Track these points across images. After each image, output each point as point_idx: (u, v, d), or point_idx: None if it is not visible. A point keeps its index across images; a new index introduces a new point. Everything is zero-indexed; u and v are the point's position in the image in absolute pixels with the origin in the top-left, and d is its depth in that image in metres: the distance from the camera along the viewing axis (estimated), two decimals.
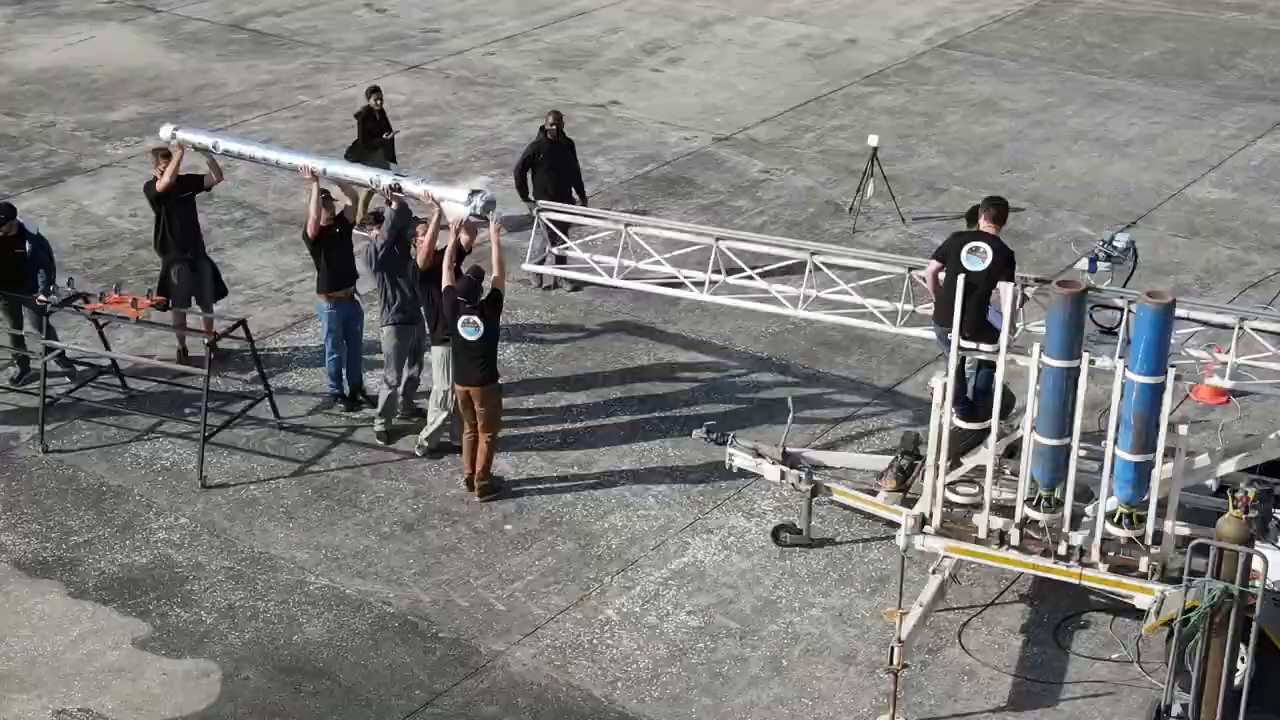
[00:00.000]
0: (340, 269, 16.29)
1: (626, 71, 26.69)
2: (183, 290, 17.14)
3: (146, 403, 16.61)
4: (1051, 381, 12.61)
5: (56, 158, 23.09)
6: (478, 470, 15.11)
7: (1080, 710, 12.70)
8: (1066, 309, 12.46)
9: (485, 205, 15.36)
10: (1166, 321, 12.26)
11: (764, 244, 14.67)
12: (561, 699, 12.79)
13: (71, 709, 12.63)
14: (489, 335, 14.81)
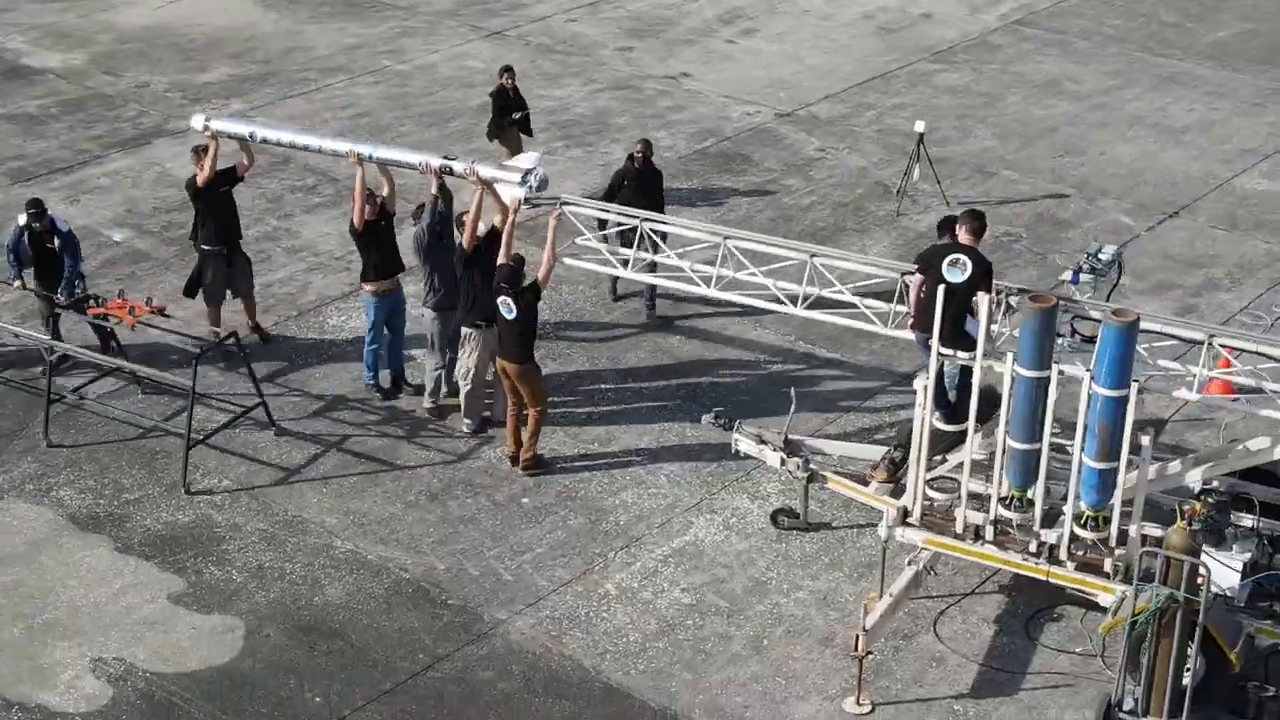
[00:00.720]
0: (385, 259, 16.99)
1: (701, 42, 27.36)
2: (218, 284, 17.84)
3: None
4: (1023, 390, 13.29)
5: (147, 119, 24.29)
6: (524, 445, 16.00)
7: (1038, 700, 13.45)
8: (1037, 322, 13.11)
9: (540, 184, 15.91)
10: (1129, 339, 12.88)
11: (767, 244, 15.35)
12: (553, 668, 13.77)
13: (107, 657, 13.82)
14: (523, 319, 15.66)
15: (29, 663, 13.74)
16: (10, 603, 14.42)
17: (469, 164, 16.32)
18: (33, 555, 15.02)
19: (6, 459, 16.29)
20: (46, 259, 17.49)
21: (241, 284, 18.21)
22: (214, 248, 17.85)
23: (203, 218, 17.87)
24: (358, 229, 16.95)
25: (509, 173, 16.14)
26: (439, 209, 16.68)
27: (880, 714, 13.32)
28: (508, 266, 15.66)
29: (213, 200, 17.75)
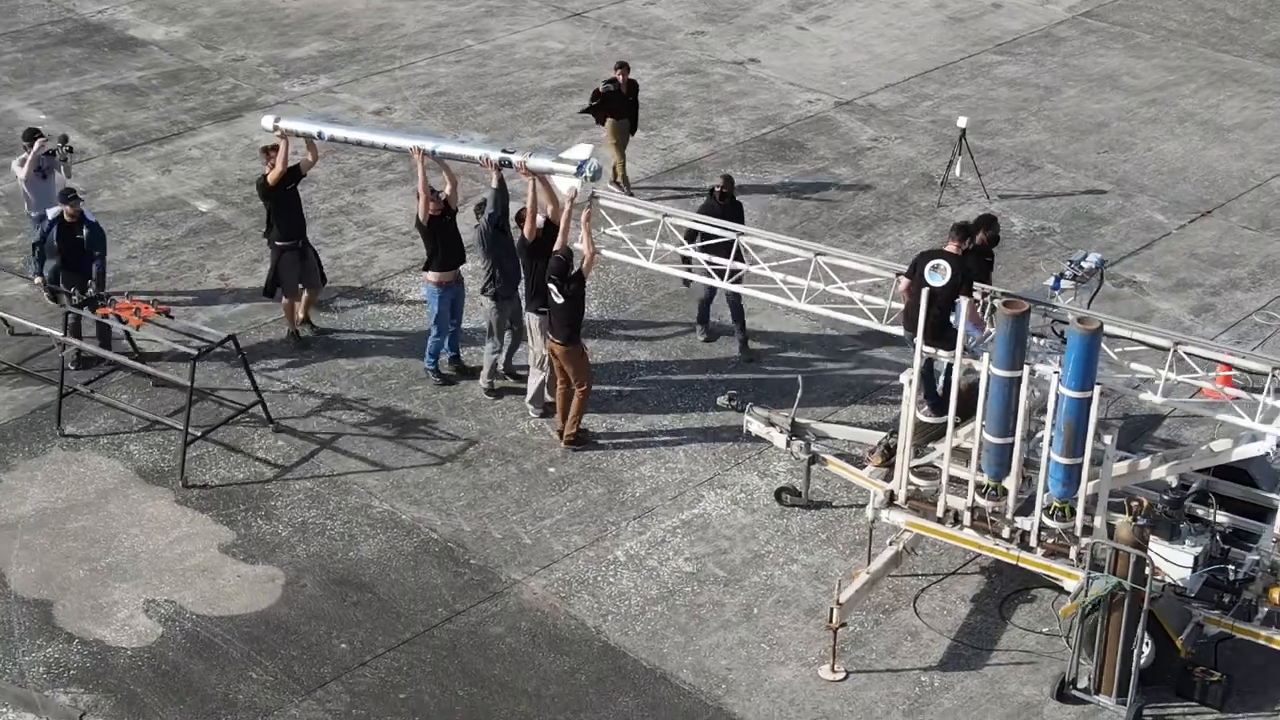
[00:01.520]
0: (448, 252, 18.08)
1: (773, 28, 28.37)
2: (292, 277, 18.95)
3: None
4: (996, 388, 14.35)
5: (240, 92, 25.80)
6: (567, 421, 17.25)
7: (1001, 675, 14.55)
8: (1009, 326, 14.14)
9: (594, 174, 16.89)
10: (1093, 345, 13.88)
11: (778, 242, 16.44)
12: (559, 626, 15.09)
13: (159, 600, 15.35)
14: (571, 304, 16.83)
15: (90, 601, 15.29)
16: (79, 546, 15.98)
17: (524, 156, 17.21)
18: (101, 504, 16.57)
19: (86, 414, 17.83)
20: (74, 251, 18.51)
21: (312, 276, 19.25)
22: (288, 242, 18.87)
23: (274, 215, 18.86)
24: (422, 223, 18.05)
25: (564, 165, 17.10)
26: (499, 202, 17.64)
27: (853, 681, 14.48)
28: (556, 259, 16.79)
29: (282, 198, 18.73)
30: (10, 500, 16.61)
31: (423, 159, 17.80)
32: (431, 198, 17.82)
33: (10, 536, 16.09)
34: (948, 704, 14.24)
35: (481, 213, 17.87)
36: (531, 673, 14.51)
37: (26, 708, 14.10)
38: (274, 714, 14.05)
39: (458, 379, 18.46)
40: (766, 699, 14.24)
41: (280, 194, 18.68)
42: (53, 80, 25.99)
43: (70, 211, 18.49)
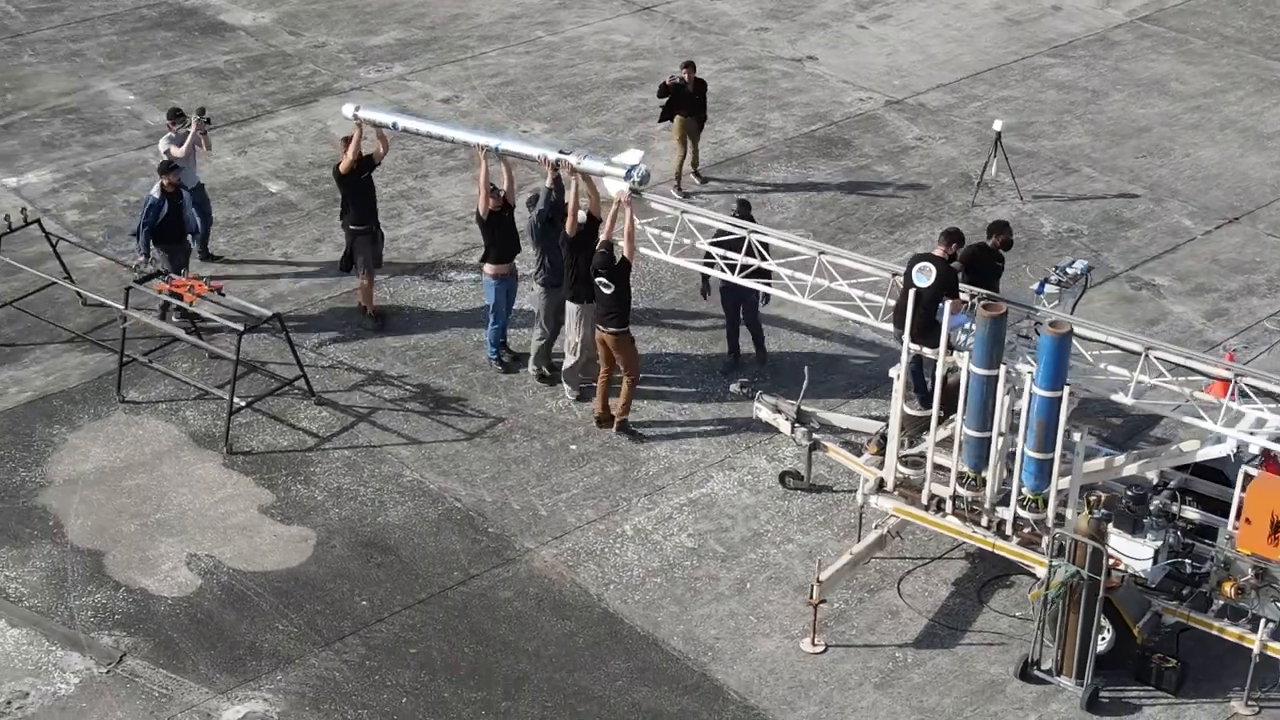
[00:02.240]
0: (505, 245, 19.10)
1: (835, 26, 29.26)
2: (365, 258, 20.00)
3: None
4: (976, 385, 15.30)
5: (318, 78, 27.15)
6: (618, 408, 18.27)
7: (970, 654, 15.53)
8: (987, 328, 15.09)
9: (643, 179, 17.84)
10: (1063, 348, 14.79)
11: (785, 240, 17.44)
12: (564, 592, 16.26)
13: (200, 554, 16.70)
14: (618, 294, 17.86)
15: (138, 554, 16.68)
16: (132, 503, 17.37)
17: (579, 159, 18.22)
18: (155, 464, 17.96)
19: (147, 381, 19.24)
20: (173, 221, 19.82)
21: (379, 258, 20.35)
22: (360, 227, 20.02)
23: (348, 200, 20.00)
24: (482, 217, 19.13)
25: (615, 168, 18.08)
26: (551, 198, 18.68)
27: (831, 654, 15.52)
28: (600, 253, 17.83)
29: (356, 185, 19.84)
30: (74, 458, 18.03)
31: (485, 156, 18.79)
32: (491, 194, 18.88)
33: (71, 491, 17.50)
34: (917, 679, 15.23)
35: (533, 206, 18.93)
36: (533, 634, 15.68)
37: (73, 647, 15.48)
38: (295, 662, 15.32)
39: (516, 366, 19.42)
40: (748, 667, 15.31)
41: (354, 181, 19.79)
42: (144, 63, 27.47)
43: (169, 181, 19.71)
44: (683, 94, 23.13)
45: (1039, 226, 22.63)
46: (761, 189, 23.63)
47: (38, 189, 23.55)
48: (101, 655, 15.39)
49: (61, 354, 19.76)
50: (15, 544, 16.73)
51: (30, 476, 17.69)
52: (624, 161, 17.98)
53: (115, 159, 24.42)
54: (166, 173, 19.82)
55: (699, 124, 23.43)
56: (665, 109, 23.30)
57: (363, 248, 20.00)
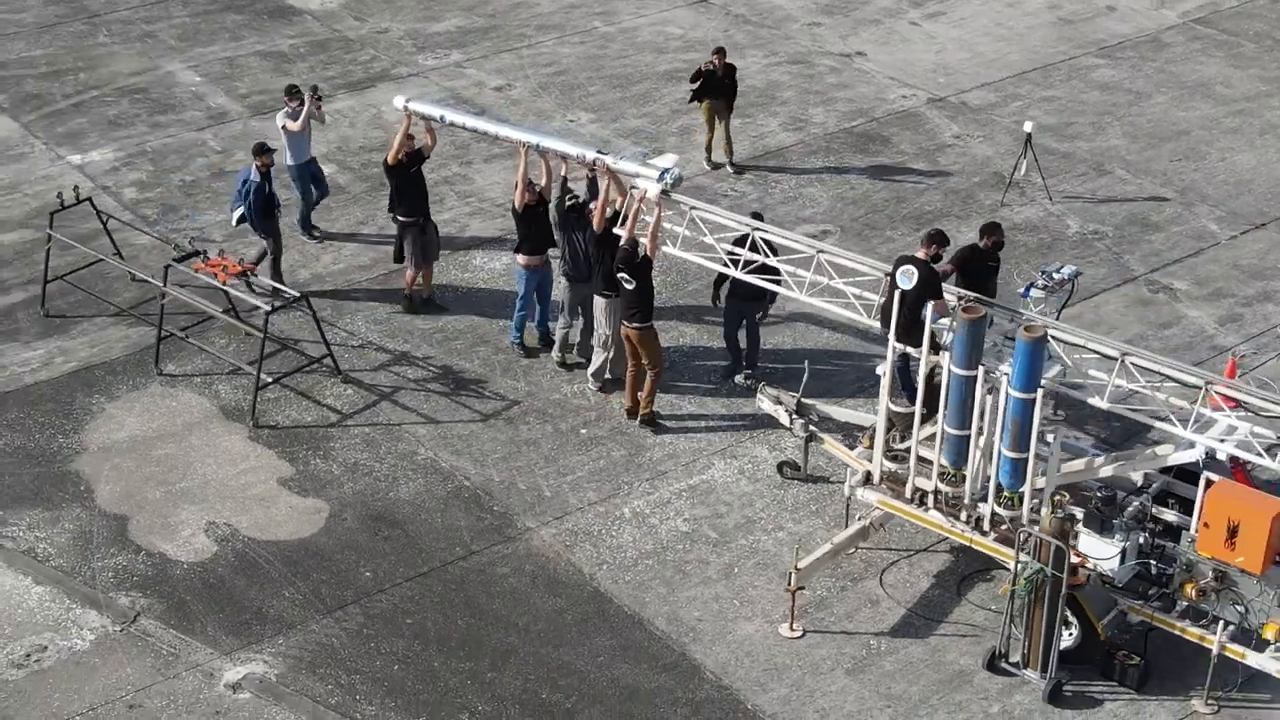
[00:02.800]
0: (538, 237, 19.73)
1: (887, 22, 29.68)
2: (415, 250, 20.66)
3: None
4: (955, 385, 15.83)
5: (377, 63, 28.00)
6: (642, 401, 18.92)
7: (942, 644, 16.08)
8: (966, 330, 15.61)
9: (675, 182, 18.37)
10: (1036, 352, 15.28)
11: (786, 238, 17.99)
12: (558, 571, 16.99)
13: (219, 522, 17.59)
14: (640, 289, 18.50)
15: (160, 520, 17.61)
16: (159, 471, 18.31)
17: (614, 159, 18.73)
18: (185, 435, 18.89)
19: (185, 355, 20.18)
20: (269, 200, 20.72)
21: (431, 251, 21.02)
22: (409, 219, 20.69)
23: (398, 193, 20.65)
24: (518, 211, 19.80)
25: (649, 170, 18.65)
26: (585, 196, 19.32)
27: (808, 640, 16.13)
28: (623, 250, 18.48)
29: (405, 178, 20.48)
30: (110, 426, 19.00)
31: (526, 153, 19.43)
32: (528, 188, 19.58)
33: (104, 458, 18.48)
34: (888, 666, 15.80)
35: (563, 201, 19.59)
36: (525, 609, 16.43)
37: (92, 606, 16.43)
38: (297, 628, 16.18)
39: (539, 351, 20.11)
40: (726, 649, 15.96)
41: (404, 174, 20.45)
42: (212, 44, 28.45)
43: (263, 162, 20.59)
44: (712, 79, 23.72)
45: (1065, 227, 23.00)
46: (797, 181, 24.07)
47: (100, 166, 24.57)
48: (117, 614, 16.31)
49: (108, 327, 20.73)
50: (47, 506, 17.69)
51: (67, 443, 18.67)
52: (658, 164, 18.55)
53: (176, 139, 25.38)
54: (261, 154, 20.70)
55: (727, 107, 24.08)
56: (695, 93, 23.90)
57: (413, 240, 20.66)
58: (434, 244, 21.08)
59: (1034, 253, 22.48)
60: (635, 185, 18.45)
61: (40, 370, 19.95)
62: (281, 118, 21.87)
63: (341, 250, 22.41)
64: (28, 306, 21.18)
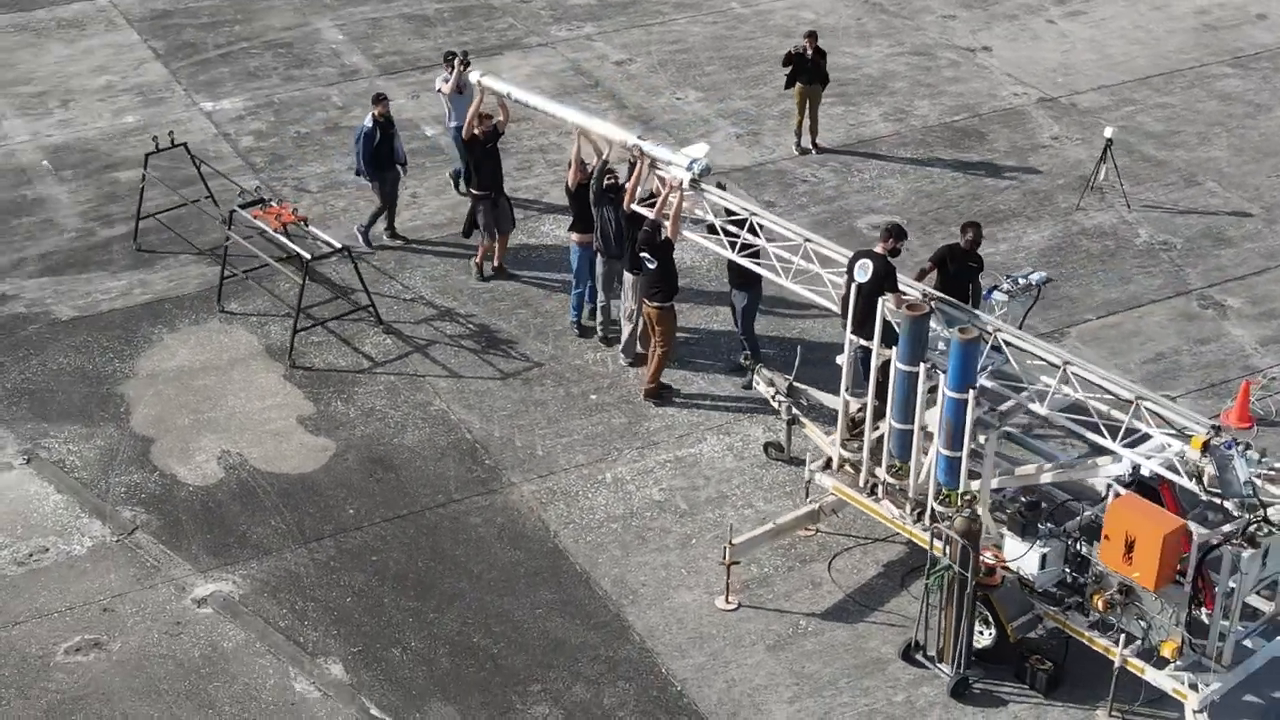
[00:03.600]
0: (590, 217, 20.33)
1: (1023, 18, 29.61)
2: (487, 223, 21.60)
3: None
4: (899, 381, 16.21)
5: (512, 32, 29.10)
6: (646, 377, 19.75)
7: (869, 631, 16.48)
8: (909, 326, 15.98)
9: (702, 171, 19.01)
10: (969, 353, 15.56)
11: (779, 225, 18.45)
12: (525, 526, 17.86)
13: (232, 451, 18.93)
14: (661, 269, 19.21)
15: (181, 444, 19.02)
16: (194, 400, 19.74)
17: (650, 146, 19.38)
18: (226, 369, 20.29)
19: (248, 295, 21.60)
20: (385, 149, 21.83)
21: (504, 224, 21.89)
22: (482, 192, 21.58)
23: (473, 166, 21.55)
24: (570, 189, 20.60)
25: (680, 157, 19.34)
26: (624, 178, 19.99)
27: (741, 614, 16.70)
28: (645, 231, 19.22)
29: (481, 152, 21.35)
30: (163, 355, 20.52)
31: (580, 134, 20.28)
32: (580, 168, 20.43)
33: (150, 383, 20.00)
34: (809, 647, 16.30)
35: (601, 180, 20.37)
36: (483, 559, 17.36)
37: (98, 516, 17.91)
38: (272, 554, 17.41)
39: (593, 332, 20.81)
40: (660, 614, 16.65)
41: (480, 148, 21.35)
42: (363, 4, 29.92)
43: (380, 111, 21.77)
44: (803, 62, 24.17)
45: (1134, 235, 22.89)
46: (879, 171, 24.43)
47: (227, 114, 26.22)
48: (118, 526, 17.76)
49: (189, 264, 22.28)
50: (87, 423, 19.27)
51: (121, 367, 20.24)
52: (689, 153, 19.21)
53: (304, 93, 26.89)
54: (378, 103, 21.84)
55: (818, 91, 24.38)
56: (788, 77, 24.39)
57: (485, 213, 21.59)
58: (506, 217, 21.86)
59: (1094, 259, 22.45)
60: (666, 172, 19.06)
61: (117, 299, 21.56)
62: (439, 82, 22.99)
63: (422, 208, 23.53)
64: (124, 240, 22.81)
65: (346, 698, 15.64)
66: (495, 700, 15.64)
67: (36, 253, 22.64)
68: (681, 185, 18.82)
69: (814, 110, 24.73)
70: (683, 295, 20.60)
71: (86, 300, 21.53)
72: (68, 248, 22.72)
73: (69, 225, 23.26)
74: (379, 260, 22.35)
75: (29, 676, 15.87)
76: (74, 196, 23.99)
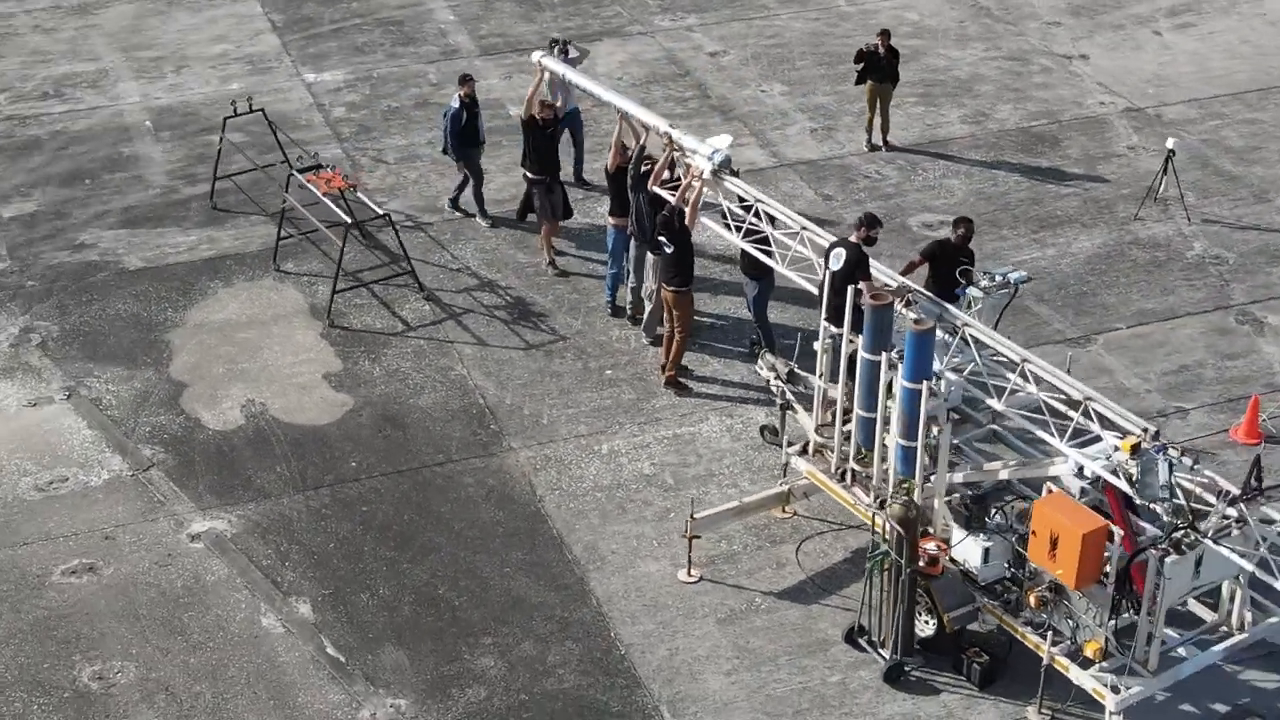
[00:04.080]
0: (626, 199, 20.89)
1: (1130, 28, 29.36)
2: (542, 208, 22.05)
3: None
4: (864, 369, 16.51)
5: (616, 19, 29.73)
6: (666, 361, 20.22)
7: (821, 613, 16.78)
8: (873, 317, 16.27)
9: (721, 163, 19.40)
10: (924, 343, 15.80)
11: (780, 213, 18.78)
12: (513, 489, 18.50)
13: (256, 401, 19.88)
14: (677, 254, 19.65)
15: (210, 391, 20.05)
16: (231, 351, 20.77)
17: (679, 135, 19.85)
18: (269, 324, 21.29)
19: (305, 257, 22.60)
20: (471, 128, 22.60)
21: (559, 209, 22.36)
22: (536, 177, 21.94)
23: (529, 149, 22.02)
24: (610, 172, 21.15)
25: (704, 147, 19.81)
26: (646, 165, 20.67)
27: (700, 587, 17.12)
28: (663, 216, 19.78)
29: (539, 136, 21.86)
30: (214, 307, 21.61)
31: (622, 119, 20.85)
32: (620, 151, 21.01)
33: (196, 332, 21.09)
34: (759, 623, 16.67)
35: (639, 165, 20.93)
36: (466, 517, 18.05)
37: (119, 452, 19.00)
38: (270, 498, 18.32)
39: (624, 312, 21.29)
40: (621, 581, 17.17)
41: (538, 132, 21.85)
42: None
43: (466, 91, 22.60)
44: (874, 60, 24.41)
45: (1188, 248, 22.71)
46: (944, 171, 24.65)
47: (326, 86, 27.32)
48: (136, 462, 18.83)
49: (258, 225, 23.36)
50: (129, 365, 20.41)
51: (172, 316, 21.38)
52: (713, 143, 19.66)
53: (403, 70, 27.86)
54: (464, 83, 22.65)
55: (889, 89, 24.62)
56: (859, 74, 24.66)
57: (539, 196, 22.13)
58: (560, 203, 22.35)
59: (1140, 269, 22.35)
60: (691, 160, 19.54)
61: (184, 254, 22.73)
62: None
63: (488, 184, 24.23)
64: (203, 199, 23.98)
65: (308, 636, 16.43)
66: (445, 649, 16.29)
67: (120, 206, 23.89)
68: (702, 174, 19.18)
69: (884, 108, 24.93)
70: (708, 281, 21.07)
71: (155, 253, 22.71)
72: (149, 203, 23.95)
73: (156, 182, 24.49)
74: (436, 230, 23.17)
75: (24, 592, 16.94)
76: (167, 156, 25.22)
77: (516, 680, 15.93)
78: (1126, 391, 19.79)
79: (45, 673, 16.01)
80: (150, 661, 16.15)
